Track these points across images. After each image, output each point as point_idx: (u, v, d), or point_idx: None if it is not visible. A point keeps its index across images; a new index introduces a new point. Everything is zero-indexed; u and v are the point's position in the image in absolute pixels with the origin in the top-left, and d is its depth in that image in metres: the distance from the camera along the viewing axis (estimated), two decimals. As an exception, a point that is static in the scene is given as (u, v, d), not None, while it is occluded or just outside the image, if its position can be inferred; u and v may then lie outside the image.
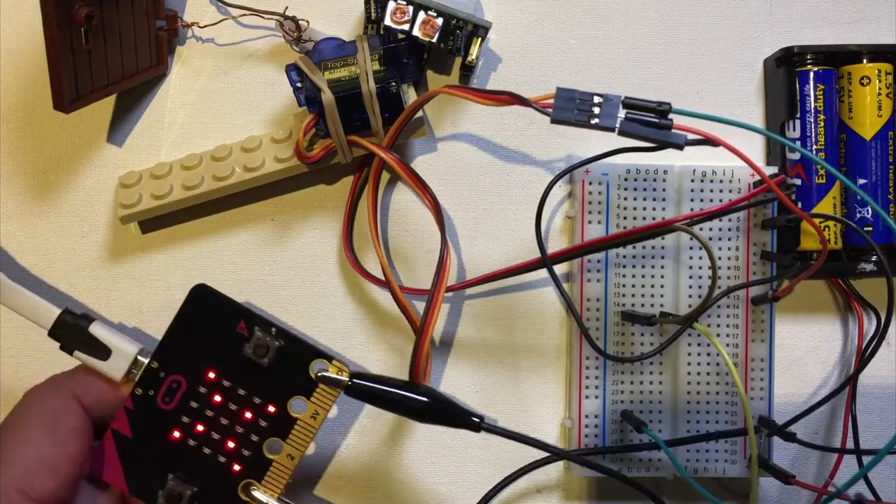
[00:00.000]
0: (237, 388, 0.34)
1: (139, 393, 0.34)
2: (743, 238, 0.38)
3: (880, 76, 0.37)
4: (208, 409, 0.34)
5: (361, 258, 0.39)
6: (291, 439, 0.34)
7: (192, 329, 0.34)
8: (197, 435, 0.34)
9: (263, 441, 0.34)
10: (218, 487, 0.34)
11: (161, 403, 0.34)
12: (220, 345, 0.34)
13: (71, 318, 0.34)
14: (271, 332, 0.34)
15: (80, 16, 0.33)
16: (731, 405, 0.38)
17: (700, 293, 0.38)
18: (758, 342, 0.38)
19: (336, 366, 0.34)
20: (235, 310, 0.34)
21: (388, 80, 0.35)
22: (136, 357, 0.34)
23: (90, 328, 0.34)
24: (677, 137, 0.31)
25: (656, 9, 0.40)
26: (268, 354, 0.34)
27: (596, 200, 0.38)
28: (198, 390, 0.34)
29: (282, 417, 0.34)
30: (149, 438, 0.34)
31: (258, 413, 0.34)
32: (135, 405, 0.34)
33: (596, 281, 0.38)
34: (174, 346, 0.34)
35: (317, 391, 0.34)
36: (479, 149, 0.40)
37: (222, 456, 0.34)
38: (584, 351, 0.38)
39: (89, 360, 0.34)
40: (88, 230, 0.39)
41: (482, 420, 0.34)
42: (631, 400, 0.38)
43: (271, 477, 0.34)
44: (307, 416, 0.34)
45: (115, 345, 0.34)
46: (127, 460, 0.34)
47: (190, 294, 0.34)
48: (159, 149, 0.39)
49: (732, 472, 0.38)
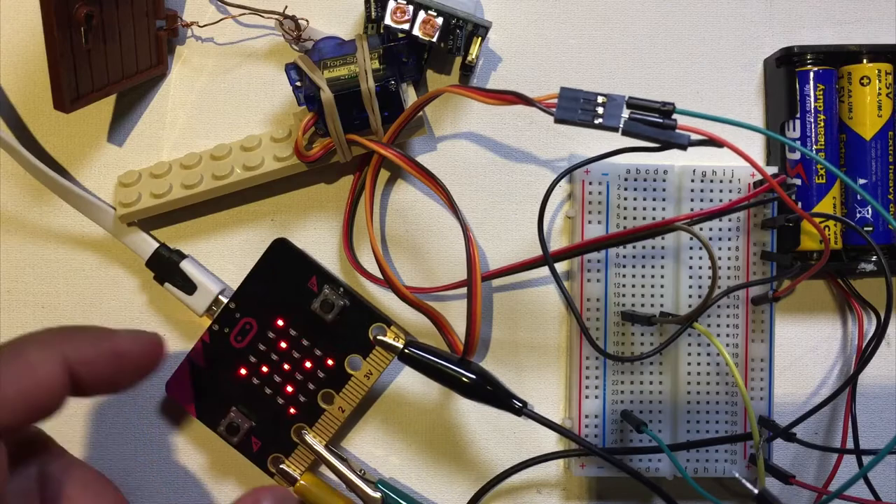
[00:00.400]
0: (302, 338, 0.37)
1: (216, 329, 0.37)
2: (743, 238, 0.38)
3: (880, 76, 0.37)
4: (274, 354, 0.37)
5: (361, 257, 0.39)
6: (344, 393, 0.37)
7: (268, 278, 0.37)
8: (261, 375, 0.37)
9: (319, 391, 0.37)
10: (273, 426, 0.37)
11: (233, 341, 0.37)
12: (291, 296, 0.37)
13: (166, 252, 0.38)
14: (339, 291, 0.37)
15: (80, 16, 0.33)
16: (731, 405, 0.38)
17: (700, 293, 0.38)
18: (758, 342, 0.38)
19: (394, 331, 0.37)
20: (309, 266, 0.37)
21: (388, 79, 0.35)
22: (218, 296, 0.37)
23: (181, 264, 0.37)
24: (681, 138, 0.31)
25: (656, 9, 0.40)
26: (332, 311, 0.37)
27: (596, 200, 0.38)
28: (267, 335, 0.37)
29: (338, 372, 0.37)
30: (219, 371, 0.37)
31: (317, 364, 0.37)
32: (211, 339, 0.37)
33: (596, 281, 0.38)
34: (251, 292, 0.37)
35: (373, 352, 0.37)
36: (480, 149, 0.40)
37: (281, 398, 0.37)
38: (585, 350, 0.38)
39: (177, 292, 0.37)
40: (89, 230, 0.39)
41: (525, 405, 0.35)
42: (631, 400, 0.38)
43: (322, 425, 0.37)
44: (361, 374, 0.37)
45: (202, 282, 0.37)
46: (197, 387, 0.37)
47: (270, 246, 0.37)
48: (160, 148, 0.39)
49: (732, 473, 0.38)
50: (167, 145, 0.39)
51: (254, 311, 0.37)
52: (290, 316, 0.37)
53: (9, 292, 0.39)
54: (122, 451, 0.39)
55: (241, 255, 0.39)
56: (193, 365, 0.37)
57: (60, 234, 0.39)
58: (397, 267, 0.40)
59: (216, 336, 0.37)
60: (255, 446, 0.37)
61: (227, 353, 0.37)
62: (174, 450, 0.39)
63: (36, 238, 0.39)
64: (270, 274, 0.37)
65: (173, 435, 0.39)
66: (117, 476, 0.39)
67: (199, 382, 0.37)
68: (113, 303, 0.39)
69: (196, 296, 0.37)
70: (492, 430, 0.39)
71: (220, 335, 0.37)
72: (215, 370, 0.37)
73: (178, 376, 0.37)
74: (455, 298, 0.39)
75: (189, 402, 0.37)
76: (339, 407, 0.37)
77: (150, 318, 0.39)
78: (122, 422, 0.39)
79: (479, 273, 0.35)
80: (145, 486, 0.39)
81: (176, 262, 0.37)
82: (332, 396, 0.37)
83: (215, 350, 0.37)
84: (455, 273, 0.39)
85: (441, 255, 0.39)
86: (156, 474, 0.39)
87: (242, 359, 0.37)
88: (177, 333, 0.39)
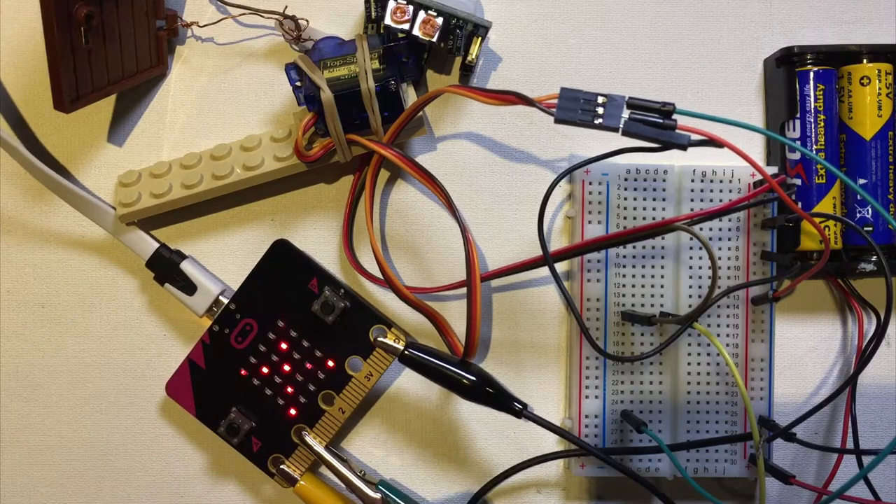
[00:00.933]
0: (302, 339, 0.37)
1: (216, 329, 0.37)
2: (743, 238, 0.38)
3: (880, 76, 0.37)
4: (274, 355, 0.37)
5: (361, 257, 0.39)
6: (344, 394, 0.37)
7: (269, 279, 0.37)
8: (261, 376, 0.37)
9: (319, 392, 0.37)
10: (274, 426, 0.37)
11: (234, 342, 0.37)
12: (292, 297, 0.37)
13: (166, 252, 0.38)
14: (340, 292, 0.37)
15: (80, 16, 0.33)
16: (730, 405, 0.38)
17: (700, 293, 0.38)
18: (758, 342, 0.38)
19: (394, 333, 0.37)
20: (310, 267, 0.37)
21: (388, 79, 0.35)
22: (218, 297, 0.37)
23: (181, 264, 0.37)
24: (681, 138, 0.31)
25: (656, 9, 0.40)
26: (333, 313, 0.37)
27: (596, 200, 0.38)
28: (267, 336, 0.37)
29: (339, 373, 0.37)
30: (219, 372, 0.37)
31: (318, 365, 0.37)
32: (211, 340, 0.37)
33: (596, 281, 0.38)
34: (252, 292, 0.37)
35: (373, 354, 0.37)
36: (480, 149, 0.40)
37: (281, 399, 0.37)
38: (585, 351, 0.38)
39: (177, 292, 0.37)
40: (88, 230, 0.39)
41: (525, 408, 0.35)
42: (631, 400, 0.38)
43: (322, 425, 0.37)
44: (362, 375, 0.37)
45: (202, 283, 0.37)
46: (198, 388, 0.37)
47: (271, 247, 0.37)
48: (160, 148, 0.39)
49: (732, 473, 0.38)
50: (167, 145, 0.39)
51: (254, 312, 0.37)
52: (290, 317, 0.37)
53: (9, 292, 0.39)
54: (123, 451, 0.39)
55: (240, 255, 0.39)
56: (194, 365, 0.37)
57: (60, 234, 0.39)
58: (397, 267, 0.40)
59: (216, 337, 0.37)
60: (255, 447, 0.37)
61: (228, 354, 0.37)
62: (174, 450, 0.39)
63: (36, 238, 0.39)
64: (271, 275, 0.37)
65: (173, 436, 0.39)
66: (118, 476, 0.39)
67: (199, 383, 0.37)
68: (112, 303, 0.39)
69: (196, 296, 0.37)
70: (491, 431, 0.39)
71: (220, 336, 0.37)
72: (215, 371, 0.37)
73: (179, 377, 0.37)
74: (455, 299, 0.39)
75: (189, 402, 0.37)
76: (339, 408, 0.37)
77: (149, 318, 0.39)
78: (123, 422, 0.39)
79: (479, 276, 0.35)
80: (146, 487, 0.39)
81: (176, 263, 0.37)
82: (332, 397, 0.37)
83: (215, 351, 0.37)
84: (455, 273, 0.39)
85: (441, 254, 0.39)
86: (156, 474, 0.39)
87: (243, 359, 0.37)
88: (175, 334, 0.39)
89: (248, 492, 0.40)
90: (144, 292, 0.39)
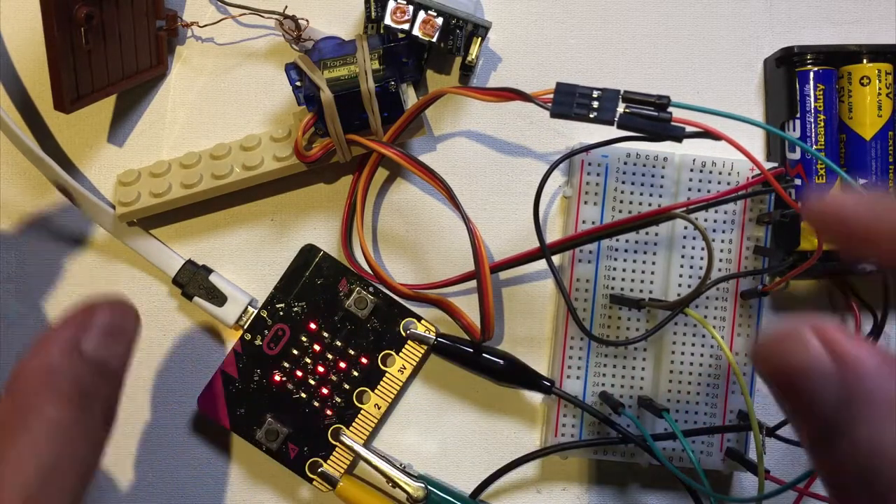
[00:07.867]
0: (335, 339, 0.37)
1: (248, 338, 0.37)
2: (738, 232, 0.38)
3: (880, 76, 0.37)
4: (307, 357, 0.37)
5: (361, 257, 0.39)
6: (379, 390, 0.38)
7: (298, 283, 0.38)
8: (296, 380, 0.37)
9: (354, 390, 0.38)
10: (310, 429, 0.37)
11: (266, 349, 0.37)
12: (322, 300, 0.38)
13: (193, 267, 0.38)
14: (369, 290, 0.38)
15: (80, 16, 0.33)
16: (711, 397, 0.38)
17: (691, 283, 0.38)
18: (744, 336, 0.38)
19: (425, 325, 0.38)
20: (338, 269, 0.38)
21: (388, 79, 0.35)
22: (248, 306, 0.38)
23: (210, 277, 0.38)
24: (676, 130, 0.32)
25: (656, 9, 0.40)
26: (364, 311, 0.37)
27: (594, 182, 0.38)
28: (300, 339, 0.37)
29: (373, 369, 0.38)
30: (253, 380, 0.37)
31: (352, 364, 0.38)
32: (243, 349, 0.37)
33: (587, 262, 0.38)
34: (282, 298, 0.38)
35: (405, 347, 0.38)
36: (479, 149, 0.40)
37: (316, 401, 0.37)
38: (570, 331, 0.38)
39: (207, 305, 0.37)
40: (88, 230, 0.39)
41: (553, 384, 0.37)
42: (612, 384, 0.38)
43: (358, 424, 0.38)
44: (395, 369, 0.38)
45: (231, 293, 0.38)
46: (231, 399, 0.37)
47: (299, 253, 0.38)
48: (160, 148, 0.39)
49: (707, 465, 0.38)
50: (167, 145, 0.39)
51: (286, 318, 0.37)
52: (322, 319, 0.37)
53: (9, 292, 0.39)
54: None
55: (240, 255, 0.39)
56: (226, 376, 0.37)
57: (60, 234, 0.39)
58: (398, 265, 0.40)
59: (248, 345, 0.37)
60: (291, 453, 0.37)
61: (260, 361, 0.37)
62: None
63: (36, 238, 0.39)
64: (301, 279, 0.38)
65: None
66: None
67: (231, 394, 0.37)
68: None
69: (226, 307, 0.38)
70: (491, 431, 0.39)
71: (251, 344, 0.37)
72: (248, 380, 0.37)
73: (210, 390, 0.37)
74: (455, 295, 0.39)
75: (223, 414, 0.37)
76: (375, 404, 0.38)
77: (150, 318, 0.39)
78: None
79: (485, 254, 0.35)
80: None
81: (205, 276, 0.38)
82: (367, 395, 0.37)
83: (248, 359, 0.37)
84: (455, 270, 0.39)
85: (441, 253, 0.39)
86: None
87: (276, 365, 0.37)
88: (178, 340, 0.39)
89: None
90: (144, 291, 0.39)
